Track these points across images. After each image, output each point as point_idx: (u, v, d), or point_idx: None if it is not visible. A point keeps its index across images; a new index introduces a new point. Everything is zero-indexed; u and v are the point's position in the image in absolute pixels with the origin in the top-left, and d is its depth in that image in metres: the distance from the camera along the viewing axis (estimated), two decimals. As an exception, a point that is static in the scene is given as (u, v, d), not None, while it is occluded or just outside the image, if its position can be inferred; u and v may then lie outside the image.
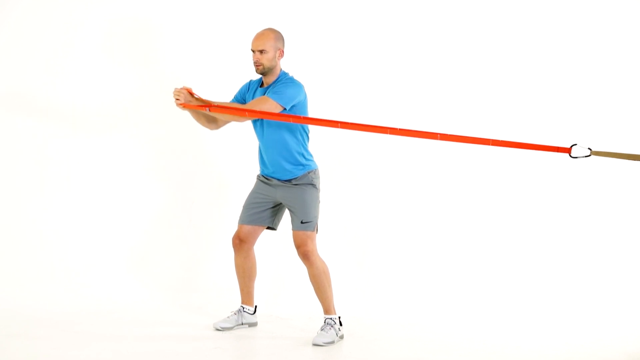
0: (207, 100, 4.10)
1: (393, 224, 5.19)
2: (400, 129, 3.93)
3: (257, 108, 4.00)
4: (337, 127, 3.97)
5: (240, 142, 5.05)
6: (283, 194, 4.22)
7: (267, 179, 4.28)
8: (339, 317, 4.22)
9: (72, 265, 5.01)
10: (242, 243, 4.33)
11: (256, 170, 4.41)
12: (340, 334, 4.18)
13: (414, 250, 5.15)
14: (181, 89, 4.10)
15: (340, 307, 4.42)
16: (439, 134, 3.87)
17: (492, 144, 3.82)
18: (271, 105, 4.02)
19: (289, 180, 4.20)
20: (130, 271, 5.06)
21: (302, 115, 4.08)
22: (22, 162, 5.07)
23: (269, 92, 4.08)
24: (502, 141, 3.84)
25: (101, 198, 5.12)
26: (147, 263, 5.09)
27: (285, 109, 4.06)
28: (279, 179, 4.22)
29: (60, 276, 4.95)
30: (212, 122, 4.27)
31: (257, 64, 4.13)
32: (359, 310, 4.75)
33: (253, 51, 4.13)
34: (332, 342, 4.10)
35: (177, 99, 4.08)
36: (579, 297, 4.92)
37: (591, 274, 5.05)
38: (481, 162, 5.15)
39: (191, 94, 4.10)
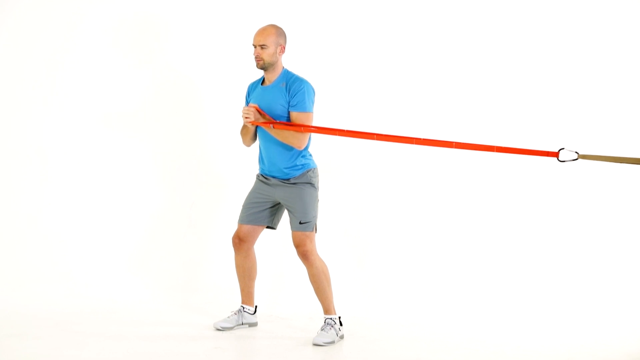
0: (270, 118, 4.16)
1: (393, 224, 5.19)
2: (421, 139, 4.01)
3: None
4: (373, 139, 4.08)
5: (239, 142, 5.04)
6: (282, 193, 4.22)
7: (266, 178, 4.29)
8: (339, 317, 4.22)
9: (72, 265, 5.01)
10: (242, 242, 4.33)
11: (256, 170, 4.41)
12: (340, 334, 4.18)
13: (413, 250, 5.15)
14: (249, 107, 4.15)
15: (340, 307, 4.42)
16: (440, 141, 3.96)
17: (482, 149, 3.89)
18: (306, 117, 4.13)
19: (288, 179, 4.20)
20: (130, 271, 5.06)
21: (347, 130, 4.16)
22: (22, 162, 5.07)
23: (293, 108, 4.12)
24: (491, 146, 3.89)
25: (101, 198, 5.12)
26: (147, 263, 5.09)
27: (312, 112, 4.18)
28: (277, 178, 4.23)
29: (60, 276, 4.95)
30: (253, 140, 4.32)
31: (257, 59, 4.16)
32: (359, 310, 4.75)
33: (254, 46, 4.16)
34: (333, 342, 4.10)
35: (247, 117, 4.13)
36: (579, 297, 4.93)
37: (591, 274, 5.06)
38: (479, 166, 5.15)
39: (259, 112, 4.16)
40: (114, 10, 5.11)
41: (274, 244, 4.99)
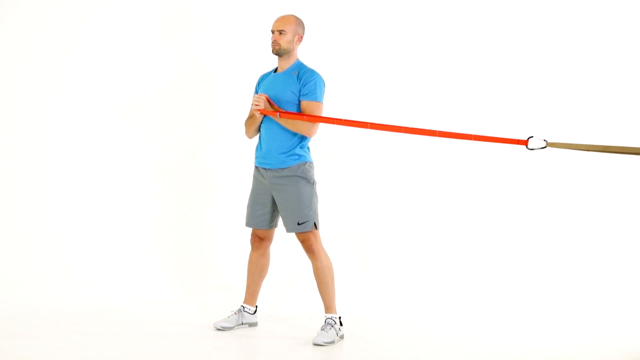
0: (279, 108, 4.19)
1: (394, 224, 5.19)
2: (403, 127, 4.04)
3: (315, 115, 4.16)
4: (365, 127, 4.11)
5: (240, 143, 5.04)
6: (277, 193, 4.22)
7: (261, 174, 4.27)
8: (339, 317, 4.22)
9: (72, 265, 5.01)
10: (262, 241, 4.38)
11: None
12: (340, 333, 4.18)
13: (414, 250, 5.15)
14: (260, 95, 4.19)
15: (340, 307, 4.42)
16: (425, 129, 4.02)
17: (461, 138, 3.94)
18: (316, 107, 4.17)
19: (282, 170, 4.19)
20: (130, 271, 5.05)
21: (343, 119, 4.20)
22: (22, 162, 5.07)
23: (304, 96, 4.16)
24: (468, 135, 3.94)
25: (101, 198, 5.12)
26: (147, 263, 5.09)
27: (322, 102, 4.23)
28: (272, 169, 4.22)
29: (60, 276, 4.95)
30: (257, 132, 4.34)
31: (274, 44, 4.22)
32: (359, 310, 4.75)
33: (272, 31, 4.23)
34: (333, 342, 4.10)
35: (257, 105, 4.17)
36: (579, 297, 4.93)
37: (591, 274, 5.05)
38: (474, 161, 5.16)
39: (269, 101, 4.20)
40: (113, 11, 5.11)
41: (275, 244, 4.97)
